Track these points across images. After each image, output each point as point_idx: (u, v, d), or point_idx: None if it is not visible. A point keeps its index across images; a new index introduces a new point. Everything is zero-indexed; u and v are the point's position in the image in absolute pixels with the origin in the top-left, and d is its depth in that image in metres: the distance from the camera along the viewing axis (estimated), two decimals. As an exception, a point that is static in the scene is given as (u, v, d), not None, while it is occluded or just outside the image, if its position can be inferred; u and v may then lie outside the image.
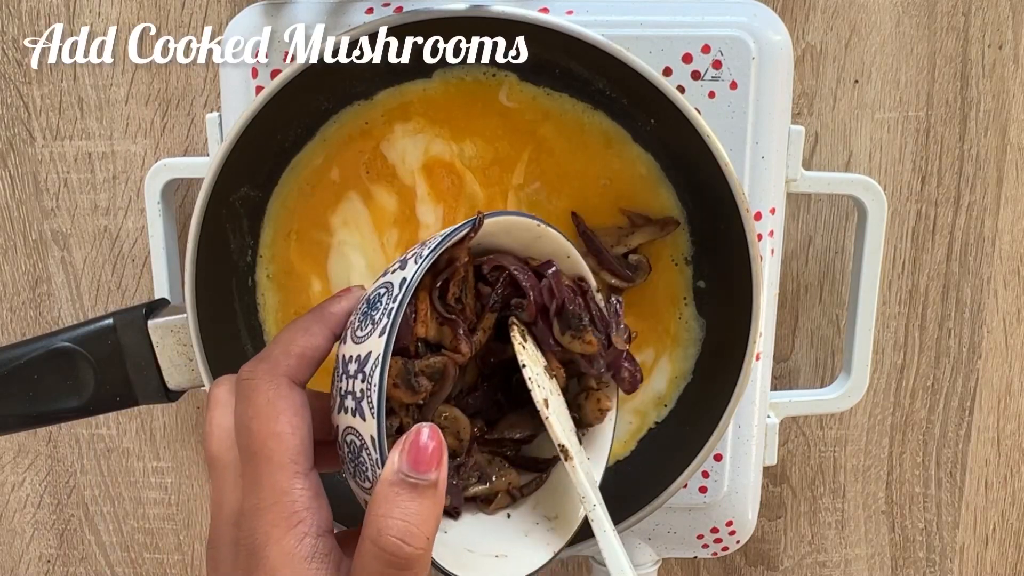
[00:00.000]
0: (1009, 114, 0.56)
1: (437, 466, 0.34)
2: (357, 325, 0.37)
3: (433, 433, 0.34)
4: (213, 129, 0.51)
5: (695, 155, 0.44)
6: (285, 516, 0.34)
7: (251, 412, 0.35)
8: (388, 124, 0.49)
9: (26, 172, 0.57)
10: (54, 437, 0.61)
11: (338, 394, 0.36)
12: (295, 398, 0.36)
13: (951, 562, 0.63)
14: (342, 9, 0.48)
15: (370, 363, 0.35)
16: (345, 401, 0.36)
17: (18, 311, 0.59)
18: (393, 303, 0.35)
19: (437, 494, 0.34)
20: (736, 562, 0.63)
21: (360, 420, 0.35)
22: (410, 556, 0.33)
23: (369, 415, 0.34)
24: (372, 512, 0.33)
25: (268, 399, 0.35)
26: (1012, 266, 0.58)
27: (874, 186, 0.51)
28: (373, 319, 0.36)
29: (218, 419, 0.37)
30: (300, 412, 0.36)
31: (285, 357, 0.37)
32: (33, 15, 0.55)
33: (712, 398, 0.47)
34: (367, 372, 0.35)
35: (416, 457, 0.33)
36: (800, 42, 0.55)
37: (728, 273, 0.46)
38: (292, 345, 0.37)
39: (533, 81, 0.48)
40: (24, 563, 0.64)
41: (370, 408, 0.34)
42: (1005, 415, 0.60)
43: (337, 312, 0.39)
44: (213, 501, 0.36)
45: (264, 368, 0.36)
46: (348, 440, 0.36)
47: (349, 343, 0.37)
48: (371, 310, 0.36)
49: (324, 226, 0.50)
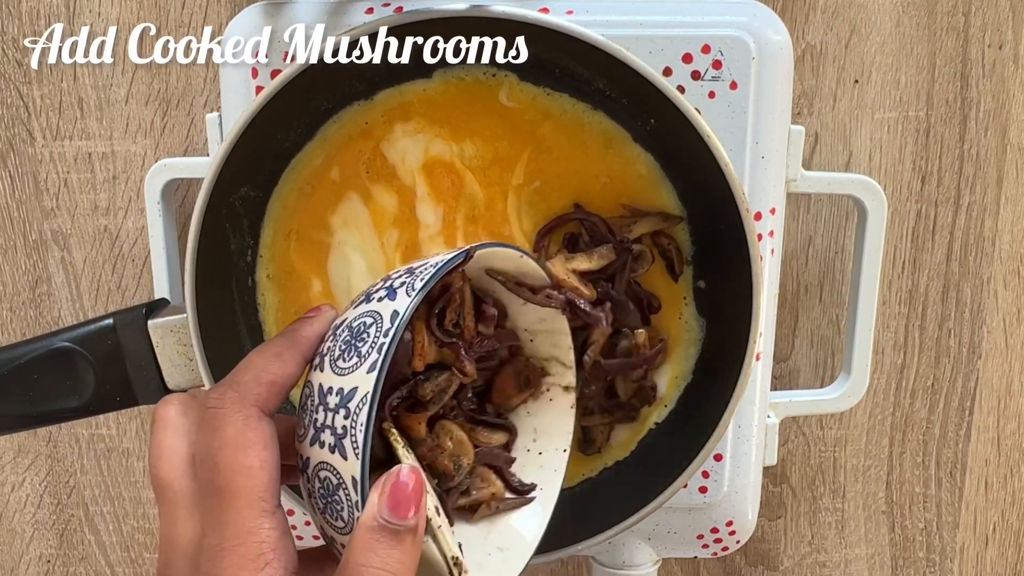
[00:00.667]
0: (1009, 114, 0.56)
1: (416, 509, 0.33)
2: (339, 354, 0.35)
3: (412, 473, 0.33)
4: (213, 129, 0.51)
5: (695, 155, 0.44)
6: (251, 558, 0.32)
7: (218, 444, 0.34)
8: (388, 124, 0.49)
9: (26, 172, 0.57)
10: (54, 437, 0.61)
11: (312, 425, 0.35)
12: (265, 429, 0.34)
13: (951, 562, 0.63)
14: (342, 9, 0.48)
15: (356, 400, 0.33)
16: (321, 435, 0.34)
17: (18, 311, 0.59)
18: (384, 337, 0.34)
19: (417, 539, 0.33)
20: (736, 562, 0.63)
21: (340, 458, 0.33)
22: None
23: (352, 455, 0.33)
24: (351, 559, 0.32)
25: (238, 430, 0.34)
26: (1012, 266, 0.58)
27: (874, 186, 0.51)
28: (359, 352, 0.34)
29: (167, 442, 0.35)
30: (270, 445, 0.34)
31: (256, 385, 0.35)
32: (33, 15, 0.55)
33: (712, 398, 0.47)
34: (351, 409, 0.33)
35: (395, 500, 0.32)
36: (800, 42, 0.55)
37: (728, 273, 0.46)
38: (263, 372, 0.35)
39: (533, 81, 0.48)
40: (24, 563, 0.64)
41: (354, 448, 0.33)
42: (1005, 415, 0.60)
43: (310, 336, 0.37)
44: (163, 532, 0.35)
45: (233, 397, 0.35)
46: (321, 476, 0.34)
47: (328, 372, 0.35)
48: (356, 341, 0.35)
49: (324, 226, 0.50)
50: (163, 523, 0.35)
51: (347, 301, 0.50)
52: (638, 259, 0.49)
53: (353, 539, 0.33)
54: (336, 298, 0.50)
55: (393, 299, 0.35)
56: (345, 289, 0.50)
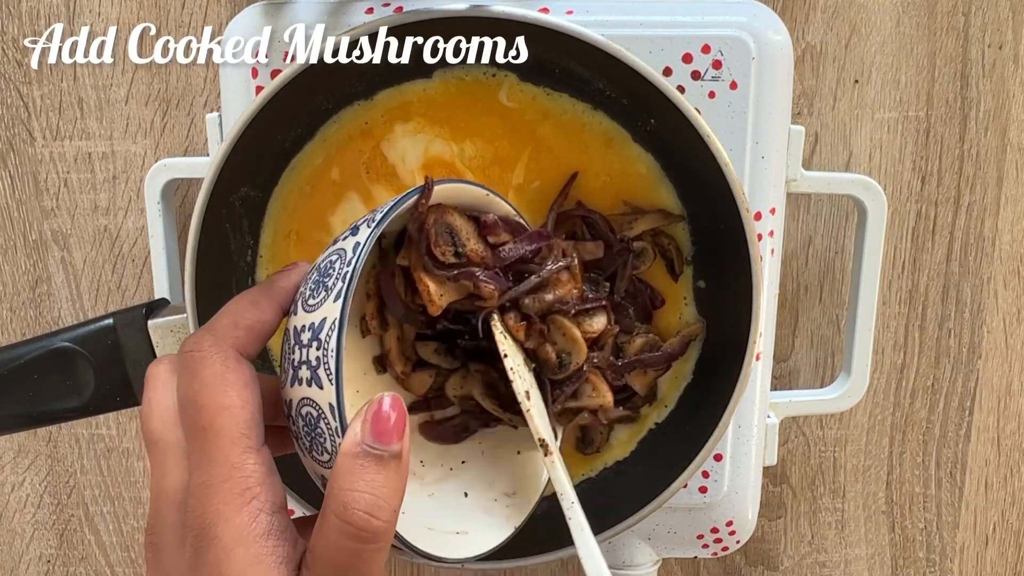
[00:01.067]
0: (1009, 114, 0.56)
1: (400, 437, 0.32)
2: (308, 294, 0.35)
3: (395, 403, 0.33)
4: (213, 129, 0.51)
5: (695, 155, 0.44)
6: (238, 492, 0.32)
7: (197, 385, 0.34)
8: (388, 124, 0.49)
9: (26, 172, 0.57)
10: (54, 437, 0.61)
11: (290, 366, 0.35)
12: (244, 371, 0.34)
13: (951, 562, 0.63)
14: (342, 9, 0.48)
15: (325, 328, 0.33)
16: (299, 372, 0.34)
17: (18, 311, 0.59)
18: (347, 267, 0.34)
19: (401, 466, 0.32)
20: (736, 562, 0.63)
21: (317, 389, 0.33)
22: (378, 529, 0.31)
23: (327, 382, 0.33)
24: (335, 485, 0.32)
25: (216, 372, 0.34)
26: (1012, 266, 0.58)
27: (874, 186, 0.51)
28: (326, 286, 0.35)
29: (158, 398, 0.35)
30: (250, 385, 0.34)
31: (233, 329, 0.35)
32: (33, 15, 0.55)
33: (712, 398, 0.47)
34: (322, 339, 0.33)
35: (378, 428, 0.32)
36: (800, 42, 0.55)
37: (728, 273, 0.46)
38: (240, 317, 0.36)
39: (533, 81, 0.48)
40: (24, 563, 0.64)
41: (327, 375, 0.33)
42: (1005, 415, 0.60)
43: (286, 286, 0.38)
44: (153, 485, 0.34)
45: (211, 340, 0.35)
46: (304, 412, 0.34)
47: (300, 313, 0.35)
48: (323, 277, 0.35)
49: (324, 226, 0.50)
50: (153, 477, 0.35)
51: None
52: (640, 256, 0.49)
53: (336, 465, 0.32)
54: (336, 298, 0.50)
55: (355, 234, 0.36)
56: (345, 289, 0.50)
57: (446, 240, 0.40)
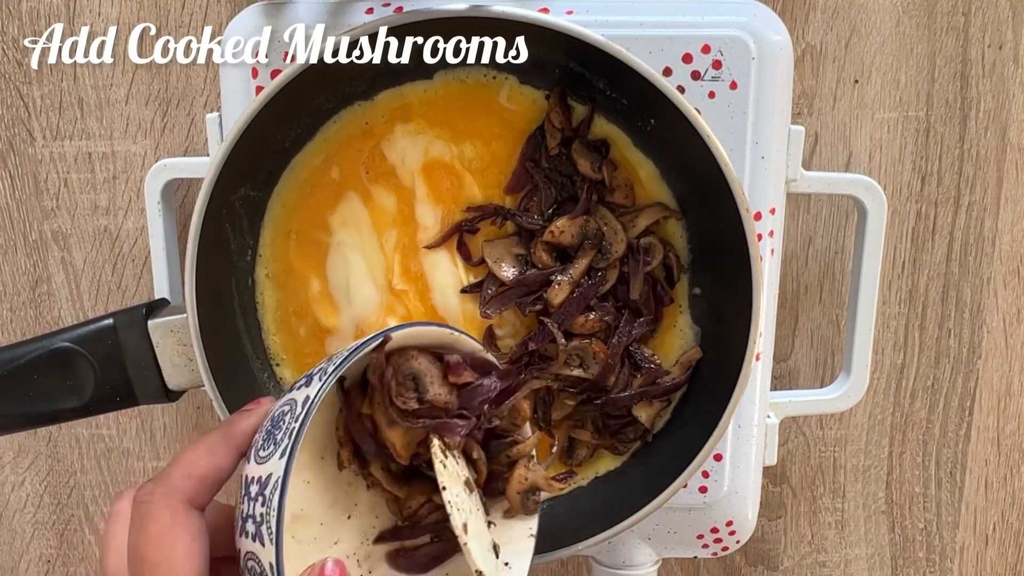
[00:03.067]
0: (1009, 114, 0.56)
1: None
2: (260, 444, 0.35)
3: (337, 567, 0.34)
4: (213, 129, 0.51)
5: (695, 155, 0.44)
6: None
7: (144, 539, 0.34)
8: (388, 124, 0.49)
9: (26, 172, 0.57)
10: (54, 437, 0.61)
11: (240, 516, 0.35)
12: (192, 524, 0.35)
13: (951, 562, 0.63)
14: (342, 9, 0.48)
15: (270, 485, 0.33)
16: (246, 525, 0.34)
17: (18, 311, 0.59)
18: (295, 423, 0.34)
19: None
20: (736, 562, 0.63)
21: (260, 545, 0.33)
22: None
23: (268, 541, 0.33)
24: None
25: (163, 526, 0.34)
26: (1012, 266, 0.58)
27: (874, 186, 0.51)
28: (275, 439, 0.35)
29: (117, 536, 0.36)
30: (197, 539, 0.35)
31: (185, 480, 0.36)
32: (33, 15, 0.55)
33: (712, 398, 0.47)
34: (267, 495, 0.33)
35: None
36: (800, 42, 0.55)
37: (728, 274, 0.46)
38: (194, 467, 0.36)
39: (533, 83, 0.48)
40: (24, 563, 0.64)
41: (269, 533, 0.33)
42: (1005, 415, 0.60)
43: (245, 429, 0.38)
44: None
45: (161, 492, 0.35)
46: (249, 566, 0.34)
47: (252, 463, 0.35)
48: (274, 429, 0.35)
49: (323, 226, 0.50)
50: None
51: (346, 302, 0.50)
52: (648, 251, 0.48)
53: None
54: (334, 299, 0.50)
55: (308, 385, 0.36)
56: (344, 289, 0.50)
57: (409, 387, 0.39)
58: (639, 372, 0.49)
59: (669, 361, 0.50)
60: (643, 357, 0.49)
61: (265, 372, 0.51)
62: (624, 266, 0.48)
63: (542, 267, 0.48)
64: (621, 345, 0.48)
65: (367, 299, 0.50)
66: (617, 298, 0.49)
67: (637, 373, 0.49)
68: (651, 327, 0.49)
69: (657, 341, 0.50)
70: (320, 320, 0.50)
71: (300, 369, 0.51)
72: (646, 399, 0.49)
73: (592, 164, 0.47)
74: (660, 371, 0.49)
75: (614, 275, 0.48)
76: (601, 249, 0.48)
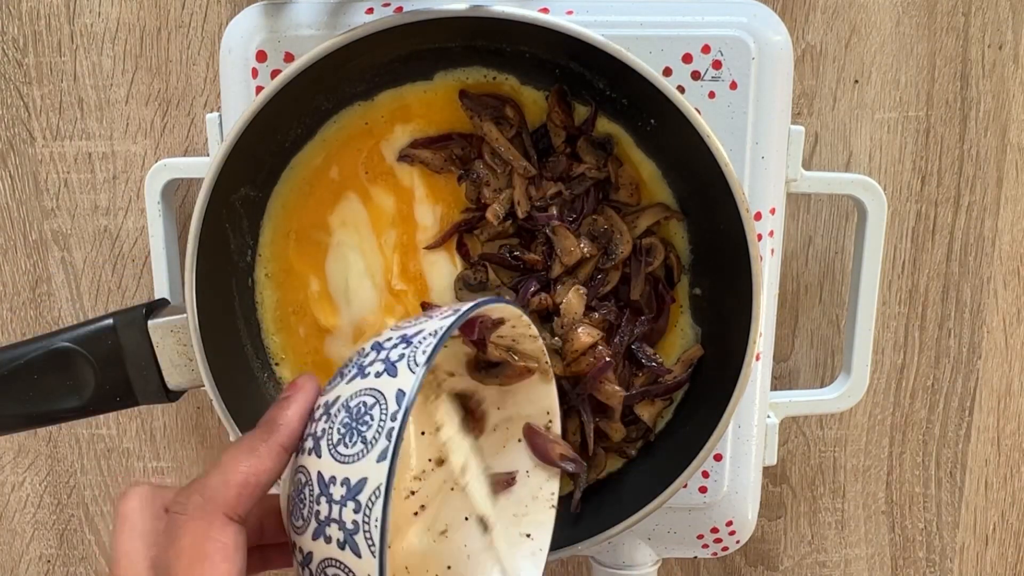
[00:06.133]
0: (1009, 114, 0.56)
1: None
2: (339, 438, 0.32)
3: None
4: (213, 129, 0.51)
5: (695, 155, 0.44)
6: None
7: (174, 553, 0.32)
8: (388, 125, 0.49)
9: (26, 172, 0.57)
10: (54, 437, 0.61)
11: (313, 517, 0.32)
12: (228, 538, 0.32)
13: (951, 562, 0.63)
14: (342, 9, 0.48)
15: (366, 492, 0.30)
16: (327, 529, 0.31)
17: (18, 311, 0.59)
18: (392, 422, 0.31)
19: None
20: (736, 562, 0.63)
21: (352, 556, 0.31)
22: None
23: (367, 552, 0.30)
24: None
25: (195, 540, 0.32)
26: (1012, 266, 0.58)
27: (874, 186, 0.51)
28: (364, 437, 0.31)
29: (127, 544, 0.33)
30: (231, 557, 0.32)
31: (224, 488, 0.33)
32: (33, 15, 0.55)
33: (712, 398, 0.47)
34: (362, 502, 0.30)
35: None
36: (800, 42, 0.55)
37: (728, 274, 0.46)
38: (233, 473, 0.33)
39: (534, 84, 0.48)
40: (24, 563, 0.64)
41: (369, 545, 0.30)
42: (1005, 415, 0.60)
43: (290, 422, 0.34)
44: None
45: (197, 503, 0.32)
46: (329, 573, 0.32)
47: (328, 459, 0.32)
48: (358, 424, 0.32)
49: (323, 226, 0.50)
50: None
51: (344, 302, 0.50)
52: (650, 252, 0.49)
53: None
54: (334, 299, 0.50)
55: (394, 375, 0.32)
56: (343, 289, 0.50)
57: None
58: (641, 371, 0.49)
59: (670, 361, 0.50)
60: (645, 355, 0.49)
61: (265, 372, 0.51)
62: (626, 266, 0.49)
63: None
64: (623, 344, 0.48)
65: (366, 299, 0.50)
66: (619, 298, 0.49)
67: (639, 372, 0.49)
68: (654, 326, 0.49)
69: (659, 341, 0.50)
70: (319, 320, 0.50)
71: (299, 368, 0.51)
72: (648, 398, 0.49)
73: (597, 161, 0.47)
74: (662, 369, 0.49)
75: (616, 276, 0.49)
76: (607, 250, 0.48)
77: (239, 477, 0.33)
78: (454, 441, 0.40)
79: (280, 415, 0.35)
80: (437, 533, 0.42)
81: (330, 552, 0.31)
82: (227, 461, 0.34)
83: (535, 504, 0.43)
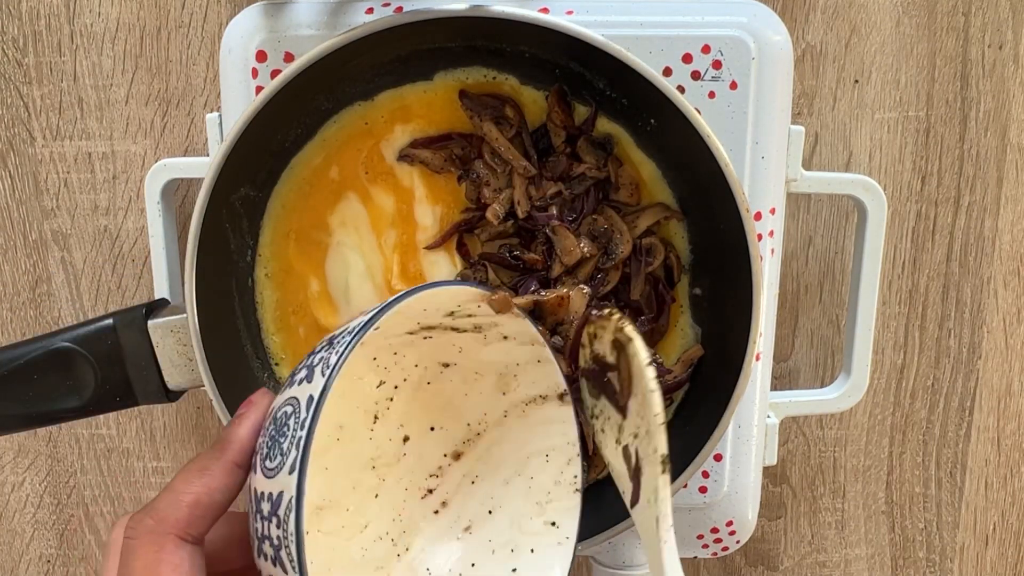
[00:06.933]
0: (1009, 114, 0.56)
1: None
2: (266, 452, 0.31)
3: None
4: (213, 129, 0.51)
5: (695, 155, 0.44)
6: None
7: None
8: (388, 125, 0.49)
9: (26, 172, 0.57)
10: (54, 437, 0.61)
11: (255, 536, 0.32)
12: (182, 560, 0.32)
13: (951, 562, 0.63)
14: (342, 9, 0.48)
15: (283, 506, 0.30)
16: (263, 546, 0.31)
17: (18, 311, 0.59)
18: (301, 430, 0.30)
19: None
20: (736, 562, 0.63)
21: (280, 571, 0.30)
22: None
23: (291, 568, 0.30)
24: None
25: (146, 564, 0.31)
26: (1012, 266, 0.58)
27: (874, 186, 0.51)
28: (282, 448, 0.30)
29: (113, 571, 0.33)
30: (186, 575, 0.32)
31: (174, 509, 0.32)
32: (33, 15, 0.55)
33: (712, 398, 0.47)
34: (281, 517, 0.30)
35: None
36: (800, 42, 0.55)
37: (728, 274, 0.46)
38: (183, 494, 0.33)
39: (534, 84, 0.48)
40: (24, 563, 0.64)
41: (290, 561, 0.30)
42: (1005, 415, 0.60)
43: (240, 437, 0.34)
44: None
45: (148, 526, 0.32)
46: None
47: (259, 475, 0.31)
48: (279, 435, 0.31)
49: (323, 226, 0.50)
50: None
51: (344, 302, 0.50)
52: (650, 252, 0.49)
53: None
54: (333, 299, 0.50)
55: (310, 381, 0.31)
56: (343, 289, 0.50)
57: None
58: None
59: (670, 361, 0.50)
60: None
61: (265, 372, 0.51)
62: (626, 266, 0.49)
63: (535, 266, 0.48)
64: None
65: (366, 299, 0.50)
66: (619, 298, 0.49)
67: None
68: (654, 326, 0.49)
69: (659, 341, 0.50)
70: (319, 320, 0.50)
71: (300, 369, 0.51)
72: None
73: (597, 161, 0.47)
74: (662, 369, 0.49)
75: (616, 276, 0.49)
76: (607, 250, 0.48)
77: (189, 497, 0.33)
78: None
79: (232, 432, 0.34)
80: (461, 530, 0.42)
81: (269, 570, 0.31)
82: (178, 482, 0.33)
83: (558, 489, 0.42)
